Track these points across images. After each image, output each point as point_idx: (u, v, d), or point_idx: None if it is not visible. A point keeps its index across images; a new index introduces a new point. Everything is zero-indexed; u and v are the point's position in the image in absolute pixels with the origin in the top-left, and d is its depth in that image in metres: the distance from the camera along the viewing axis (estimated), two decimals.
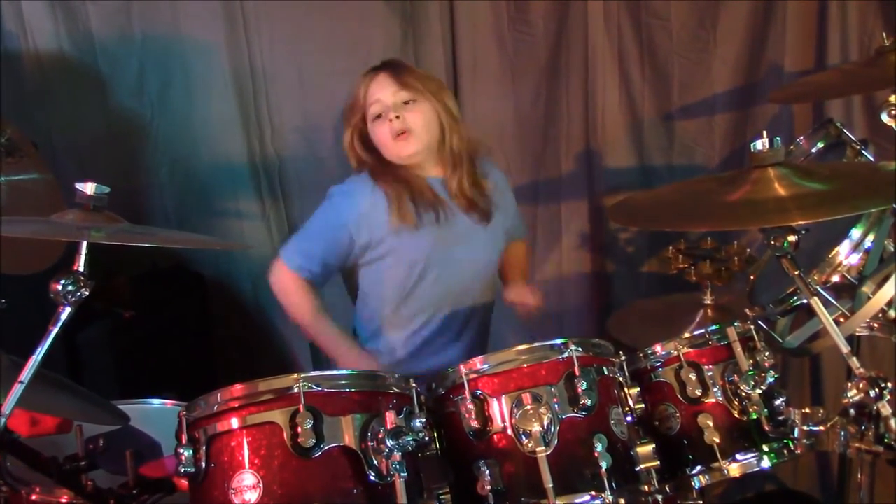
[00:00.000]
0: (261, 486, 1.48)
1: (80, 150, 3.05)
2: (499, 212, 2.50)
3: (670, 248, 2.84)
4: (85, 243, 1.54)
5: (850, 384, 1.60)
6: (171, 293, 3.15)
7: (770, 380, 1.77)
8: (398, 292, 2.41)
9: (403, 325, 2.45)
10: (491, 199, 2.48)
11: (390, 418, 1.52)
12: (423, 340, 2.45)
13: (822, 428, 1.79)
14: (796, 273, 1.63)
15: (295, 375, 1.52)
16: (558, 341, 1.67)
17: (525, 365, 1.65)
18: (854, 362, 1.60)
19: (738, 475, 1.79)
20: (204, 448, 1.53)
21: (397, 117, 2.32)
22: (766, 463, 1.80)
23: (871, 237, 1.87)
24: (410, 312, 2.43)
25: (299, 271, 2.38)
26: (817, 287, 1.71)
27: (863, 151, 2.23)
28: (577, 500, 1.58)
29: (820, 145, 2.38)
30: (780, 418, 1.80)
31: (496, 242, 2.54)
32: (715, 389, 1.81)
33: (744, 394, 1.77)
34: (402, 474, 1.50)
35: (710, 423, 1.78)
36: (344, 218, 2.35)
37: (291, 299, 2.43)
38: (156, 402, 2.22)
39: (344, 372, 1.63)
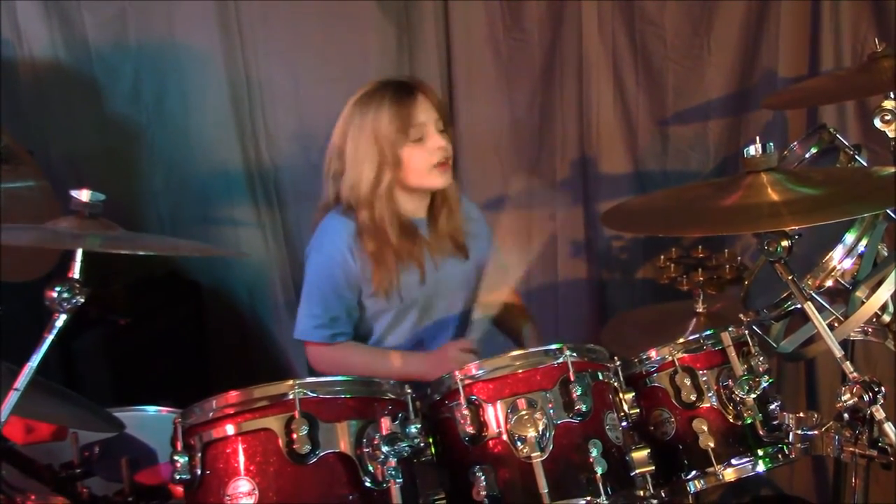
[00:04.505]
0: (256, 492, 1.48)
1: (75, 157, 3.05)
2: (473, 240, 2.45)
3: (662, 257, 2.84)
4: (80, 250, 1.54)
5: (843, 388, 1.60)
6: (167, 301, 3.15)
7: (764, 384, 1.78)
8: (379, 324, 2.37)
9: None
10: (466, 232, 2.43)
11: (385, 424, 1.53)
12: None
13: (816, 432, 1.80)
14: (790, 278, 1.63)
15: (290, 382, 1.53)
16: (553, 347, 1.68)
17: (520, 370, 1.66)
18: (848, 366, 1.60)
19: (733, 480, 1.80)
20: (199, 455, 1.53)
21: (444, 145, 2.25)
22: (761, 467, 1.81)
23: (864, 242, 1.87)
24: (391, 343, 2.39)
25: (334, 339, 2.30)
26: (811, 292, 1.71)
27: (856, 157, 2.24)
28: None
29: (813, 151, 2.39)
30: (775, 423, 1.82)
31: (476, 272, 2.45)
32: (710, 394, 1.82)
33: (738, 398, 1.78)
34: (398, 480, 1.50)
35: (705, 428, 1.79)
36: (338, 267, 2.28)
37: (352, 368, 2.26)
38: (151, 409, 2.21)
39: (339, 378, 1.62)
